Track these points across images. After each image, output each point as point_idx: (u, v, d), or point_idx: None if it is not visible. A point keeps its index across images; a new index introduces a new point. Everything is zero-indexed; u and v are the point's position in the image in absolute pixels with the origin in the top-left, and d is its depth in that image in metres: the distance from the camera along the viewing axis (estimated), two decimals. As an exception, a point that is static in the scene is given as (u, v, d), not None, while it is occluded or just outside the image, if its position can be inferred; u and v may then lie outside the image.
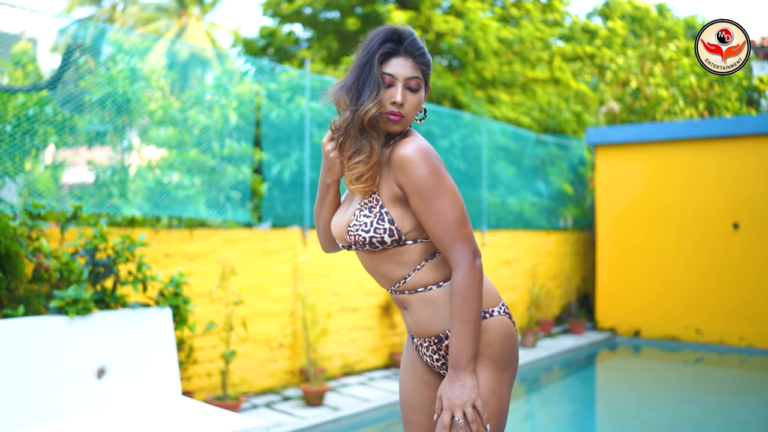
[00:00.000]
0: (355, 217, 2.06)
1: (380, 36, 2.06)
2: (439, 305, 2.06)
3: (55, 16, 5.42)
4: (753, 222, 8.87)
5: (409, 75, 2.04)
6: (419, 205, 1.97)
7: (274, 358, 6.15)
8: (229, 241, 5.91)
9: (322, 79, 7.61)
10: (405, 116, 2.06)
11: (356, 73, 2.06)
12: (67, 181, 5.94)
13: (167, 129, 5.96)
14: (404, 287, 2.08)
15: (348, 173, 2.05)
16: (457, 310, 1.96)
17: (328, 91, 2.14)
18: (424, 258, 2.05)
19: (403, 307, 2.17)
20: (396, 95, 2.02)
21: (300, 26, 14.22)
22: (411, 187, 1.97)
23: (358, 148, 2.03)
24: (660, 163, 9.62)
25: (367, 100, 2.00)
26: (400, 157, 1.98)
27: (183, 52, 7.32)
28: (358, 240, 2.03)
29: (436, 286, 2.06)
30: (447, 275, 2.06)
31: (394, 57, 2.06)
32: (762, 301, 8.75)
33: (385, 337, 7.20)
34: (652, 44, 14.46)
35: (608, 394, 7.25)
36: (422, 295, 2.07)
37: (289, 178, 6.92)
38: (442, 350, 2.09)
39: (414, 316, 2.12)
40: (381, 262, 2.08)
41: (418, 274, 2.05)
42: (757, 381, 7.67)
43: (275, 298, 6.21)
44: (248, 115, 6.51)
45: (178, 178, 5.93)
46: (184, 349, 5.21)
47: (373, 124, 2.02)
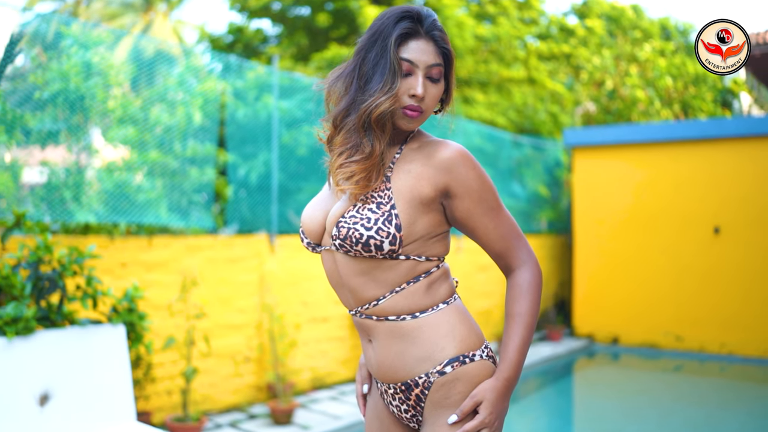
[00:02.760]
0: (355, 208, 1.69)
1: (395, 14, 1.71)
2: (410, 342, 1.72)
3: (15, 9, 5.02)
4: (734, 226, 8.68)
5: (431, 62, 1.71)
6: (475, 207, 1.71)
7: (239, 373, 5.79)
8: (191, 249, 5.54)
9: (291, 76, 7.26)
10: (424, 111, 1.72)
11: (360, 57, 1.72)
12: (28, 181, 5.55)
13: (127, 128, 5.58)
14: (373, 311, 1.73)
15: (338, 171, 1.70)
16: (524, 312, 1.72)
17: (326, 78, 1.80)
18: (406, 280, 1.72)
19: (366, 338, 1.81)
20: (416, 86, 1.69)
21: (269, 22, 13.84)
22: (465, 188, 1.70)
23: (354, 146, 1.70)
24: (639, 166, 9.40)
25: (378, 92, 1.66)
26: (451, 158, 1.69)
27: (149, 48, 6.95)
28: (351, 236, 1.66)
29: (411, 317, 1.72)
30: (426, 305, 1.73)
31: (412, 39, 1.70)
32: (743, 307, 8.57)
33: (356, 347, 6.86)
34: (628, 44, 14.31)
35: (588, 407, 6.99)
36: (392, 326, 1.73)
37: (256, 181, 6.56)
38: (411, 400, 1.75)
39: (378, 352, 1.77)
40: (356, 272, 1.72)
41: (395, 297, 1.71)
42: (740, 390, 7.47)
43: (240, 310, 5.85)
44: (213, 114, 6.15)
45: (138, 180, 5.55)
46: (141, 366, 4.82)
47: (382, 120, 1.68)
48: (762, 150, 8.64)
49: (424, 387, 1.72)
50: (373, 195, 1.70)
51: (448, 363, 1.70)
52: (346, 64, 1.77)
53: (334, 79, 1.77)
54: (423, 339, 1.72)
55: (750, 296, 8.54)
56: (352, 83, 1.72)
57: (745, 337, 8.55)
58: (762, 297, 8.47)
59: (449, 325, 1.73)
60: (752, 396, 7.17)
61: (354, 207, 1.70)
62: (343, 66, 1.77)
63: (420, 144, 1.77)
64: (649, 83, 13.12)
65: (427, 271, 1.75)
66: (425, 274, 1.74)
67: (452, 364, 1.70)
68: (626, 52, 13.73)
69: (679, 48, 15.89)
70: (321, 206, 1.83)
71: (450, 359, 1.70)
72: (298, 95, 7.07)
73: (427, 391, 1.72)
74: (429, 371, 1.71)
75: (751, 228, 8.59)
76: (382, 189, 1.70)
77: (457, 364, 1.70)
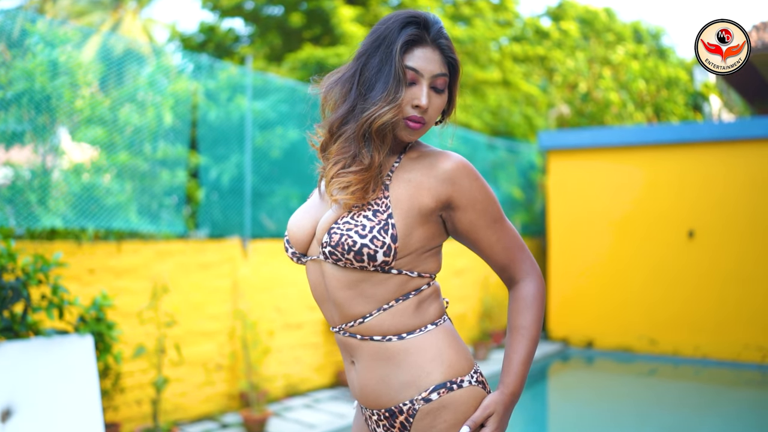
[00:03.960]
0: (350, 215, 1.60)
1: (400, 19, 1.63)
2: (395, 366, 1.62)
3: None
4: (708, 230, 8.70)
5: (436, 71, 1.63)
6: (478, 219, 1.65)
7: (211, 381, 5.64)
8: (162, 254, 5.38)
9: (264, 77, 7.12)
10: (427, 123, 1.65)
11: (361, 63, 1.64)
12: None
13: (95, 129, 5.41)
14: (359, 329, 1.63)
15: (333, 181, 1.61)
16: (528, 325, 1.66)
17: (322, 82, 1.71)
18: (395, 296, 1.62)
19: (349, 359, 1.71)
20: (420, 96, 1.61)
21: (241, 21, 13.65)
22: (469, 200, 1.63)
23: (352, 156, 1.61)
24: (614, 169, 9.39)
25: (381, 101, 1.58)
26: (454, 169, 1.62)
27: (118, 47, 6.77)
28: (343, 242, 1.56)
29: (397, 338, 1.62)
30: (415, 326, 1.63)
31: (418, 47, 1.63)
32: (717, 311, 8.59)
33: (330, 354, 6.74)
34: (601, 47, 14.35)
35: (563, 413, 6.94)
36: (377, 347, 1.63)
37: (228, 184, 6.41)
38: (395, 428, 1.64)
39: (361, 375, 1.67)
40: (344, 285, 1.62)
41: (382, 316, 1.62)
42: (715, 394, 7.46)
43: (213, 316, 5.70)
44: (185, 115, 6.00)
45: (107, 183, 5.38)
46: (109, 376, 4.66)
47: (383, 131, 1.60)
48: (735, 154, 8.67)
49: (409, 414, 1.62)
50: (369, 202, 1.61)
51: (434, 389, 1.61)
52: (344, 67, 1.69)
53: (332, 83, 1.68)
54: (409, 363, 1.62)
55: (724, 299, 8.56)
56: (352, 89, 1.64)
57: (719, 341, 8.57)
58: (736, 300, 8.49)
59: (437, 349, 1.64)
60: (727, 400, 7.17)
61: (348, 213, 1.61)
62: (342, 70, 1.69)
63: (419, 154, 1.69)
64: (622, 86, 13.17)
65: (417, 288, 1.66)
66: (415, 291, 1.65)
67: (438, 391, 1.61)
68: (599, 55, 13.77)
69: (651, 51, 15.99)
70: (310, 214, 1.74)
71: (436, 385, 1.61)
72: (272, 96, 6.94)
73: (411, 419, 1.62)
74: (414, 398, 1.61)
75: (725, 232, 8.62)
76: (379, 197, 1.62)
77: (443, 390, 1.61)
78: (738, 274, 8.51)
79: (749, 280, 8.44)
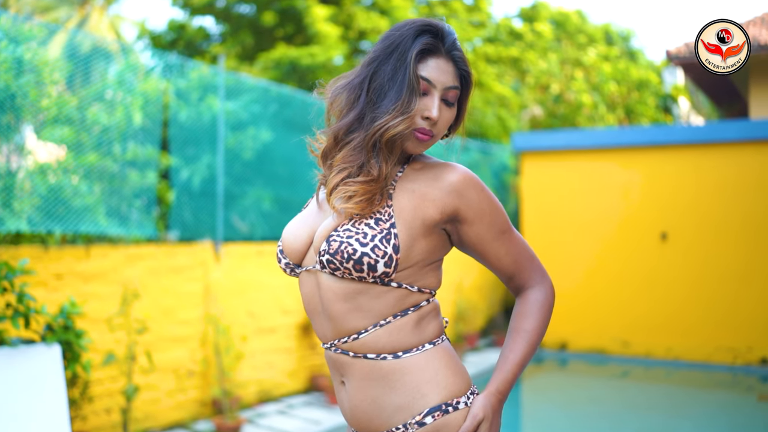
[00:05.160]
0: (351, 222, 1.52)
1: (415, 27, 1.57)
2: (388, 387, 1.54)
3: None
4: (681, 232, 8.74)
5: (449, 84, 1.58)
6: (486, 232, 1.59)
7: (182, 388, 5.51)
8: (131, 258, 5.24)
9: (237, 77, 7.00)
10: (435, 136, 1.59)
11: (372, 69, 1.57)
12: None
13: (62, 128, 5.26)
14: (352, 345, 1.55)
15: (339, 189, 1.54)
16: (531, 330, 1.60)
17: (327, 86, 1.65)
18: (394, 312, 1.54)
19: (339, 378, 1.63)
20: (431, 108, 1.56)
21: (212, 19, 13.47)
22: (476, 213, 1.57)
23: (359, 165, 1.54)
24: (588, 171, 9.40)
25: (394, 111, 1.51)
26: (460, 181, 1.56)
27: (85, 44, 6.60)
28: (342, 250, 1.48)
29: (393, 357, 1.54)
30: (412, 344, 1.56)
31: (432, 57, 1.57)
32: (690, 313, 8.63)
33: (304, 358, 6.64)
34: (573, 49, 14.40)
35: (538, 419, 6.91)
36: (370, 366, 1.54)
37: (199, 185, 6.28)
38: None
39: (352, 396, 1.58)
40: (340, 297, 1.54)
41: (378, 332, 1.53)
42: (686, 397, 7.48)
43: (184, 322, 5.57)
44: (155, 114, 5.87)
45: (75, 184, 5.23)
46: (77, 384, 4.51)
47: (393, 143, 1.53)
48: (706, 157, 8.73)
49: None
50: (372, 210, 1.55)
51: (429, 413, 1.53)
52: (351, 73, 1.62)
53: (339, 88, 1.61)
54: (403, 384, 1.54)
55: (696, 301, 8.61)
56: (361, 96, 1.57)
57: (691, 342, 8.61)
58: (707, 302, 8.55)
59: (434, 370, 1.56)
60: (698, 402, 7.19)
61: (349, 221, 1.53)
62: (349, 75, 1.62)
63: (423, 165, 1.63)
64: (594, 88, 13.22)
65: (416, 304, 1.58)
66: (414, 307, 1.58)
67: (433, 414, 1.53)
68: (571, 56, 13.82)
69: (622, 53, 16.09)
70: (307, 223, 1.66)
71: (431, 408, 1.53)
72: (244, 96, 6.82)
73: None
74: (407, 422, 1.54)
75: (697, 234, 8.66)
76: (382, 205, 1.55)
77: (438, 413, 1.53)
78: (711, 276, 8.56)
79: (721, 281, 8.49)
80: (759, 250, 8.39)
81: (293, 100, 7.25)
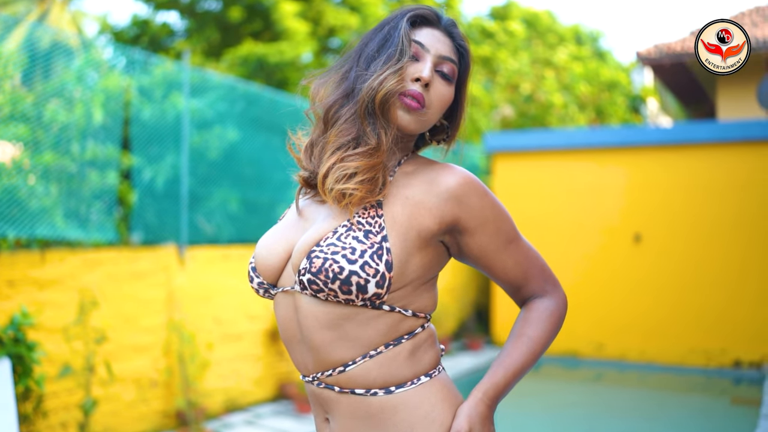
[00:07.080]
0: (335, 235, 1.31)
1: (407, 8, 1.42)
2: (380, 426, 1.34)
3: None
4: (655, 234, 8.68)
5: (443, 52, 1.41)
6: (491, 242, 1.40)
7: (145, 398, 5.26)
8: (90, 263, 4.98)
9: (202, 74, 6.76)
10: (426, 108, 1.38)
11: (361, 47, 1.44)
12: None
13: (17, 126, 4.99)
14: (338, 379, 1.35)
15: (336, 166, 1.33)
16: (535, 337, 1.42)
17: (311, 78, 1.49)
18: (385, 341, 1.34)
19: (322, 415, 1.43)
20: (422, 69, 1.37)
21: (176, 15, 13.16)
22: (479, 222, 1.38)
23: (354, 138, 1.35)
24: (561, 172, 9.30)
25: (384, 68, 1.34)
26: (459, 186, 1.36)
27: (44, 38, 6.32)
28: (327, 269, 1.27)
29: (384, 392, 1.34)
30: (406, 378, 1.35)
31: (427, 27, 1.42)
32: (663, 315, 8.57)
33: (271, 366, 6.42)
34: (544, 48, 14.34)
35: (509, 425, 6.76)
36: (359, 402, 1.34)
37: (163, 186, 6.03)
38: None
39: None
40: (323, 324, 1.33)
41: (367, 364, 1.33)
42: (660, 400, 7.40)
43: (146, 329, 5.32)
44: (116, 112, 5.63)
45: (31, 185, 4.96)
46: (30, 399, 4.24)
47: (387, 103, 1.35)
48: (680, 158, 8.68)
49: None
50: (360, 221, 1.33)
51: None
52: (337, 62, 1.47)
53: (324, 75, 1.46)
54: (396, 422, 1.35)
55: (670, 304, 8.55)
56: (351, 71, 1.41)
57: (665, 345, 8.55)
58: (681, 305, 8.49)
59: (430, 406, 1.37)
60: (672, 405, 7.12)
61: (334, 233, 1.32)
62: (336, 65, 1.46)
63: (416, 167, 1.42)
64: (564, 88, 13.16)
65: (411, 331, 1.38)
66: (408, 335, 1.37)
67: None
68: (542, 56, 13.75)
69: (593, 54, 16.08)
70: (284, 235, 1.44)
71: None
72: (210, 94, 6.59)
73: None
74: None
75: (671, 236, 8.61)
76: (372, 215, 1.34)
77: None
78: (684, 278, 8.51)
79: (694, 284, 8.45)
80: (731, 252, 8.35)
81: (261, 98, 7.03)
